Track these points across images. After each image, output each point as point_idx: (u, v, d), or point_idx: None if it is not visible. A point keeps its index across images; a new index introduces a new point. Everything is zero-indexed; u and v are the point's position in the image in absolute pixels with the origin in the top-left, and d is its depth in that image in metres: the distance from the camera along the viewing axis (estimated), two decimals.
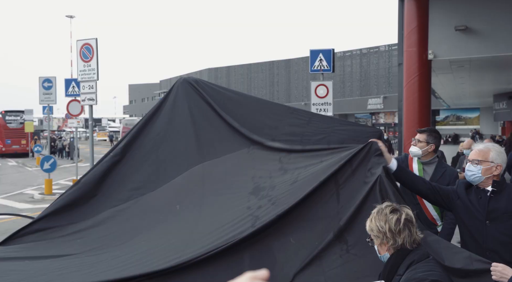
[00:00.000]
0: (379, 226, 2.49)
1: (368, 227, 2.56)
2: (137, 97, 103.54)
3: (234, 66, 77.54)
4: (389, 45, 57.27)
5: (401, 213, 2.48)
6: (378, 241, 2.52)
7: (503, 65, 17.02)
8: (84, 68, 6.59)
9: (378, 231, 2.49)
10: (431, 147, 4.20)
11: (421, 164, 4.25)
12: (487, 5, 13.45)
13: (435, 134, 4.29)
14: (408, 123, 14.11)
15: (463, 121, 54.17)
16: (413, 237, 2.48)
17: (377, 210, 2.55)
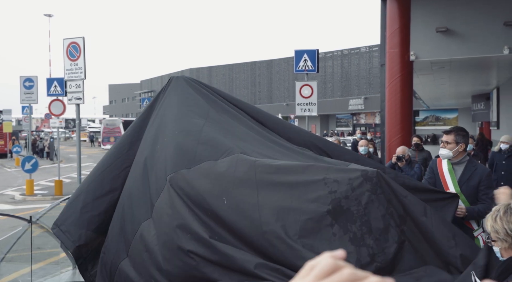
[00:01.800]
0: (507, 229, 2.19)
1: (490, 228, 2.27)
2: (117, 97, 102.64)
3: (215, 66, 77.45)
4: (369, 46, 57.85)
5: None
6: (504, 245, 2.22)
7: (482, 67, 17.33)
8: (71, 67, 6.52)
9: (505, 234, 2.20)
10: (461, 146, 4.07)
11: (450, 164, 4.11)
12: (467, 7, 13.69)
13: (462, 132, 4.14)
14: (391, 124, 14.29)
15: (442, 121, 54.97)
16: None
17: (503, 209, 2.24)
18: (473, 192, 3.96)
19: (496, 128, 25.27)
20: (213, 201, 3.24)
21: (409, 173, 6.88)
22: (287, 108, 62.29)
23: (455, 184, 3.99)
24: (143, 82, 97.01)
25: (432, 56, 14.27)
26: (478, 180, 3.97)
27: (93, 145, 54.03)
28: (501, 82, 22.64)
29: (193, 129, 3.65)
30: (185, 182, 3.36)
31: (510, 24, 12.93)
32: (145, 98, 27.45)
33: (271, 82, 68.88)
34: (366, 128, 58.18)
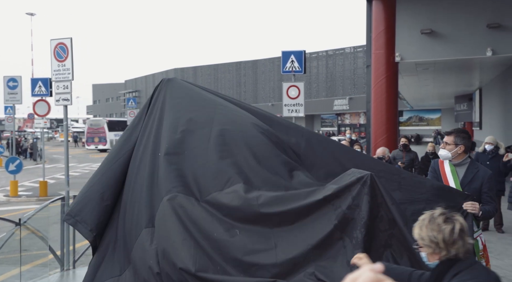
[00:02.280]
0: (431, 236, 2.36)
1: (417, 235, 2.44)
2: (101, 97, 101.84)
3: (200, 66, 77.27)
4: (354, 47, 58.22)
5: (455, 223, 2.36)
6: (429, 251, 2.42)
7: (465, 68, 17.56)
8: (59, 67, 6.47)
9: (430, 241, 2.37)
10: (460, 148, 4.05)
11: (453, 166, 4.10)
12: (451, 9, 13.88)
13: (463, 134, 4.11)
14: (376, 124, 14.42)
15: (425, 122, 55.59)
16: (466, 247, 2.36)
17: (428, 218, 2.40)
18: (475, 194, 3.95)
19: (479, 129, 25.61)
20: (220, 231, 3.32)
21: None
22: (272, 108, 62.41)
23: (458, 186, 4.01)
24: (127, 82, 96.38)
25: (417, 57, 14.44)
26: (480, 183, 4.00)
27: (77, 145, 53.56)
28: (484, 83, 22.97)
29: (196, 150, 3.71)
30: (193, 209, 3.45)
31: (493, 26, 13.15)
32: (130, 98, 27.25)
33: (257, 82, 68.95)
34: (350, 128, 58.53)
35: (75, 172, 23.50)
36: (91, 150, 41.61)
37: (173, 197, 3.49)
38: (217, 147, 3.67)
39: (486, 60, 14.62)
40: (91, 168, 25.70)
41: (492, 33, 13.24)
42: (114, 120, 47.16)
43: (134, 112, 25.51)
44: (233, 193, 3.37)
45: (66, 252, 6.69)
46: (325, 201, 3.12)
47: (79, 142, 54.27)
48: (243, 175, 3.46)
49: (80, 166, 26.94)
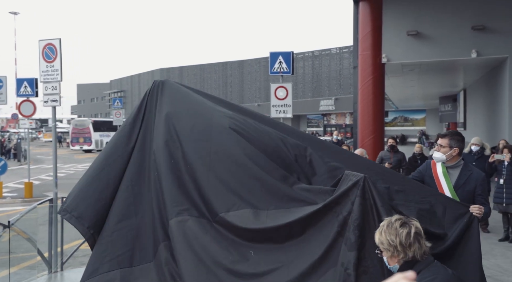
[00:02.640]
0: (389, 239, 2.52)
1: (377, 240, 2.60)
2: (86, 97, 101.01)
3: (186, 66, 77.07)
4: (340, 48, 58.52)
5: (411, 227, 2.53)
6: (388, 254, 2.56)
7: (450, 69, 17.77)
8: (47, 68, 6.41)
9: (388, 245, 2.53)
10: (454, 151, 4.07)
11: (445, 168, 4.12)
12: (436, 11, 14.04)
13: (457, 137, 4.13)
14: (363, 124, 14.52)
15: (410, 122, 56.10)
16: (423, 249, 2.53)
17: (386, 223, 2.59)
18: (469, 196, 4.00)
19: (463, 129, 25.91)
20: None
21: None
22: (258, 108, 62.48)
23: (451, 188, 4.03)
24: (112, 82, 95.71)
25: (403, 58, 14.58)
26: (474, 185, 4.02)
27: (61, 146, 52.96)
28: (468, 84, 23.26)
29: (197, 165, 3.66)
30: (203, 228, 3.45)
31: (477, 28, 13.34)
32: (116, 99, 27.04)
33: (243, 82, 68.96)
34: (336, 128, 58.83)
35: (61, 173, 23.27)
36: (76, 150, 41.24)
37: (184, 220, 3.46)
38: (216, 165, 3.63)
39: (470, 62, 14.80)
40: (76, 168, 25.49)
41: (477, 35, 13.43)
42: (100, 120, 46.77)
43: (120, 112, 25.34)
44: (242, 216, 3.37)
45: (54, 254, 6.63)
46: (325, 208, 3.15)
47: (64, 142, 53.69)
48: (247, 200, 3.44)
49: (65, 167, 26.70)
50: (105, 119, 50.03)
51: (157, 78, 20.53)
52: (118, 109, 25.80)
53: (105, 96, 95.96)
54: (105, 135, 41.71)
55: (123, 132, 4.03)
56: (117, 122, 25.05)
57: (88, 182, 3.88)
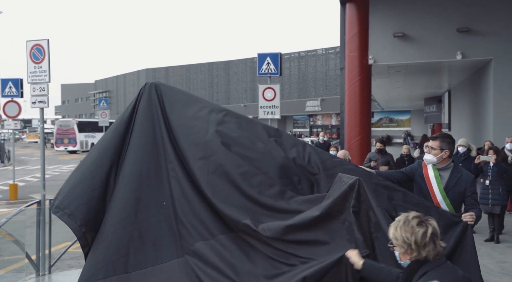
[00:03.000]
0: (404, 237, 2.49)
1: (392, 235, 2.57)
2: (70, 98, 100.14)
3: (172, 66, 76.79)
4: (326, 49, 58.79)
5: (428, 226, 2.48)
6: (401, 250, 2.55)
7: (435, 71, 17.96)
8: (35, 69, 6.35)
9: (403, 242, 2.51)
10: (445, 153, 4.09)
11: (436, 171, 4.15)
12: (422, 13, 14.18)
13: (448, 139, 4.15)
14: (350, 126, 14.61)
15: (395, 123, 56.55)
16: (437, 250, 2.48)
17: (403, 219, 2.54)
18: (459, 198, 4.05)
19: (448, 130, 26.18)
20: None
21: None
22: (245, 109, 62.50)
23: (441, 190, 4.07)
24: (97, 82, 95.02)
25: (390, 60, 14.69)
26: (464, 187, 4.06)
27: (45, 146, 52.42)
28: (453, 85, 23.52)
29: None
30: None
31: (462, 30, 13.50)
32: (102, 99, 26.83)
33: (229, 83, 68.91)
34: (322, 129, 59.09)
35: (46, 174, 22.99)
36: (60, 151, 40.85)
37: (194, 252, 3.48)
38: (214, 184, 3.64)
39: (455, 63, 14.98)
40: (61, 170, 25.25)
41: (462, 37, 13.60)
42: (85, 121, 46.38)
43: (106, 113, 25.15)
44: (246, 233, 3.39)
45: (42, 256, 6.57)
46: (329, 217, 3.16)
47: (48, 143, 53.11)
48: (247, 213, 3.46)
49: (50, 168, 26.41)
50: (90, 120, 49.62)
51: (142, 78, 20.88)
52: (104, 109, 25.60)
53: (89, 96, 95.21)
54: (90, 136, 41.36)
55: (117, 132, 3.96)
56: (103, 123, 24.86)
57: (80, 179, 3.80)
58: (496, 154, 8.21)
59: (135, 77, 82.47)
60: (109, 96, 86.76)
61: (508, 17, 13.29)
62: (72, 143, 40.07)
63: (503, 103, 13.46)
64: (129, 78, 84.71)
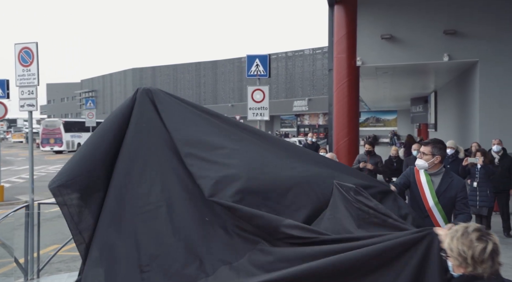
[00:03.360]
0: (460, 250, 2.34)
1: (447, 245, 2.44)
2: (56, 97, 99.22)
3: (159, 66, 76.41)
4: (313, 49, 58.98)
5: (488, 242, 2.31)
6: (455, 262, 2.40)
7: (421, 72, 18.11)
8: (23, 72, 6.27)
9: (458, 254, 2.36)
10: (437, 158, 4.14)
11: (428, 176, 4.18)
12: (409, 15, 14.29)
13: (439, 145, 4.19)
14: (338, 127, 14.68)
15: (382, 123, 56.96)
16: (494, 268, 2.32)
17: (461, 231, 2.39)
18: (450, 203, 4.09)
19: (434, 130, 26.42)
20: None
21: None
22: (232, 109, 62.45)
23: (434, 196, 4.10)
24: (83, 82, 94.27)
25: (377, 62, 14.78)
26: (455, 192, 4.10)
27: None
28: (439, 86, 23.74)
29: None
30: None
31: (449, 32, 13.63)
32: (89, 99, 26.60)
33: (216, 83, 68.80)
34: (309, 129, 59.31)
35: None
36: (46, 151, 40.47)
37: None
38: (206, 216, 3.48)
39: (442, 65, 15.13)
40: (47, 170, 25.01)
41: (449, 39, 13.73)
42: (71, 121, 46.00)
43: (92, 113, 24.98)
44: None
45: (30, 260, 6.50)
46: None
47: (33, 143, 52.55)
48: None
49: (36, 169, 26.14)
50: (77, 120, 49.22)
51: (129, 78, 20.71)
52: (91, 109, 25.42)
53: (75, 96, 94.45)
54: (76, 135, 41.02)
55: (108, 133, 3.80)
56: (90, 123, 24.68)
57: (80, 159, 3.71)
58: (483, 156, 8.31)
59: (122, 77, 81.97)
60: (96, 95, 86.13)
61: (494, 19, 13.46)
62: (58, 143, 39.71)
63: (490, 104, 13.62)
64: (115, 77, 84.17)
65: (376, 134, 52.98)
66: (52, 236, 9.10)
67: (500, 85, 13.48)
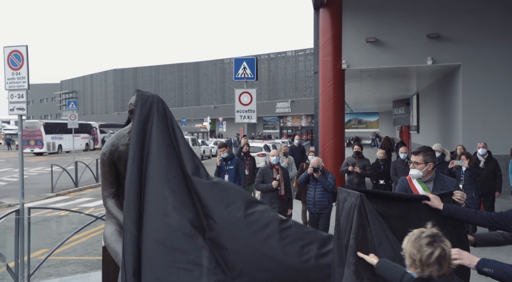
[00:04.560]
0: (410, 252, 2.54)
1: (404, 245, 2.62)
2: (35, 98, 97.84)
3: (141, 67, 75.92)
4: (295, 51, 59.25)
5: (437, 248, 2.48)
6: (408, 262, 2.59)
7: (405, 75, 18.35)
8: (13, 76, 6.19)
9: (409, 256, 2.55)
10: (430, 166, 4.19)
11: (423, 183, 4.23)
12: (394, 19, 14.49)
13: (430, 152, 4.25)
14: (324, 129, 14.80)
15: (364, 124, 57.50)
16: (443, 271, 2.49)
17: (416, 235, 2.57)
18: None
19: (416, 132, 26.75)
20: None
21: (325, 183, 7.16)
22: (214, 110, 62.39)
23: None
24: (63, 82, 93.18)
25: (363, 65, 14.94)
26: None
27: (10, 148, 51.07)
28: (421, 89, 24.07)
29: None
30: None
31: (433, 36, 13.86)
32: (71, 101, 26.26)
33: (199, 84, 68.62)
34: (292, 130, 59.57)
35: (12, 177, 22.51)
36: (26, 153, 39.83)
37: None
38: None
39: (425, 68, 15.34)
40: (29, 173, 24.65)
41: (432, 43, 13.95)
42: (52, 122, 45.39)
43: (75, 115, 24.69)
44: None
45: (21, 265, 6.43)
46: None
47: (12, 144, 51.73)
48: None
49: (17, 171, 25.72)
50: (58, 121, 48.59)
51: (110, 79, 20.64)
52: (73, 111, 25.13)
53: (55, 97, 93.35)
54: (57, 137, 40.51)
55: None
56: (72, 124, 24.37)
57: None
58: (468, 159, 8.46)
59: (103, 78, 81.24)
60: (76, 96, 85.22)
61: (477, 23, 13.73)
62: (39, 145, 39.14)
63: (473, 107, 13.88)
64: (96, 78, 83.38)
65: (358, 135, 53.40)
66: (38, 240, 9.00)
67: (483, 88, 13.75)
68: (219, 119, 50.43)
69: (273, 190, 7.34)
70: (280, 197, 7.38)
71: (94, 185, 18.33)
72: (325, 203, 7.29)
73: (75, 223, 10.52)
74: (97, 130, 47.79)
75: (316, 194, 7.30)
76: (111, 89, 79.09)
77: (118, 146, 3.98)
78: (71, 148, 39.24)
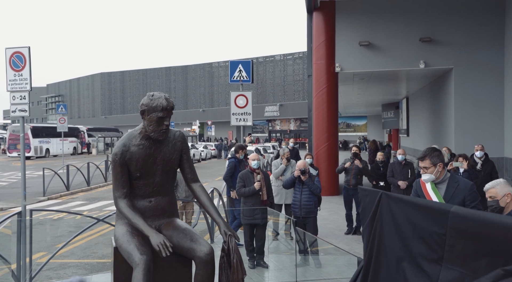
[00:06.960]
0: None
1: None
2: None
3: (129, 71, 75.52)
4: (284, 55, 59.41)
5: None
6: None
7: (396, 78, 18.52)
8: (15, 77, 6.14)
9: None
10: (439, 166, 4.09)
11: (433, 183, 4.13)
12: (387, 23, 14.63)
13: (435, 152, 4.13)
14: (318, 132, 14.89)
15: (352, 128, 57.79)
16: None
17: None
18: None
19: (406, 135, 26.96)
20: None
21: (312, 186, 7.10)
22: (203, 114, 62.27)
23: (441, 201, 4.03)
24: (49, 86, 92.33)
25: (356, 68, 15.06)
26: (463, 196, 4.06)
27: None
28: (411, 92, 24.28)
29: None
30: None
31: (425, 40, 14.03)
32: (60, 104, 25.98)
33: (187, 88, 68.47)
34: (281, 134, 59.68)
35: (2, 181, 22.21)
36: (13, 157, 39.35)
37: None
38: None
39: (417, 71, 15.50)
40: (17, 176, 24.36)
41: (425, 47, 14.12)
42: (39, 126, 44.91)
43: (64, 118, 24.48)
44: None
45: (23, 266, 6.36)
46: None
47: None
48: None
49: (5, 175, 25.45)
50: (45, 125, 48.10)
51: (97, 83, 20.65)
52: (63, 115, 24.92)
53: (41, 100, 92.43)
54: (45, 141, 40.11)
55: None
56: (61, 128, 24.16)
57: None
58: (465, 160, 8.55)
59: (90, 81, 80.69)
60: (62, 100, 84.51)
61: (469, 27, 13.91)
62: (26, 149, 38.68)
63: (465, 109, 14.04)
64: (83, 82, 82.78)
65: (346, 139, 53.65)
66: (35, 243, 8.89)
67: (475, 90, 13.92)
68: (208, 122, 50.34)
69: (255, 194, 7.03)
70: (263, 202, 7.08)
71: (85, 188, 18.18)
72: (311, 207, 7.13)
73: (72, 226, 10.44)
74: (85, 134, 47.41)
75: (303, 198, 7.14)
76: (98, 93, 78.57)
77: (129, 147, 3.98)
78: (58, 152, 38.85)
